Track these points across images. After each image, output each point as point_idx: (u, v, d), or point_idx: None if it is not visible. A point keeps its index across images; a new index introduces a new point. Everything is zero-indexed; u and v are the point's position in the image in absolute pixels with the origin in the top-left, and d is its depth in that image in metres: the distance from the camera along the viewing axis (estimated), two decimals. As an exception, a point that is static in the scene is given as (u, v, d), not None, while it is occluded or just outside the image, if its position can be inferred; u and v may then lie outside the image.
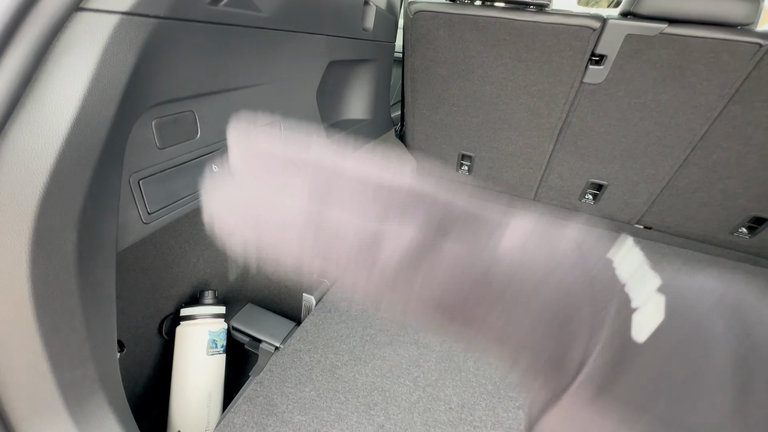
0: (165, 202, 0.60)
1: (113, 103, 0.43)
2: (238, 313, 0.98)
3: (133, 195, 0.54)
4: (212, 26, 0.59)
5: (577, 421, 0.16)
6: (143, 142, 0.54)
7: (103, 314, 0.51)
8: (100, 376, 0.51)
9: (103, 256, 0.49)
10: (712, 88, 1.11)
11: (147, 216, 0.57)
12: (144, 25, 0.45)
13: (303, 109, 0.96)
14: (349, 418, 0.71)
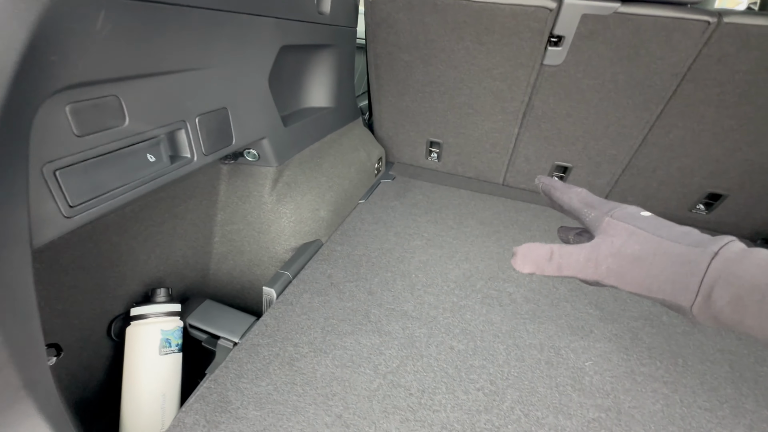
0: (90, 194, 0.56)
1: (2, 87, 0.39)
2: (195, 310, 0.94)
3: (48, 186, 0.50)
4: (134, 2, 0.55)
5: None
6: (57, 129, 0.50)
7: (22, 316, 0.47)
8: (25, 383, 0.47)
9: (13, 253, 0.45)
10: (665, 66, 1.12)
11: (69, 209, 0.53)
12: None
13: (253, 97, 0.92)
14: (306, 410, 0.70)
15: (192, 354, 0.93)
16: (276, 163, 1.07)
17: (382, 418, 0.70)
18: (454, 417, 0.71)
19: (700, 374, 0.83)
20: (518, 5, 1.15)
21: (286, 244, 1.10)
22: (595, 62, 1.19)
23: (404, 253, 1.15)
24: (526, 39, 1.20)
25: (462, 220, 1.36)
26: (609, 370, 0.83)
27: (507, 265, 1.14)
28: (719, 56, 1.07)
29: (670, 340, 0.92)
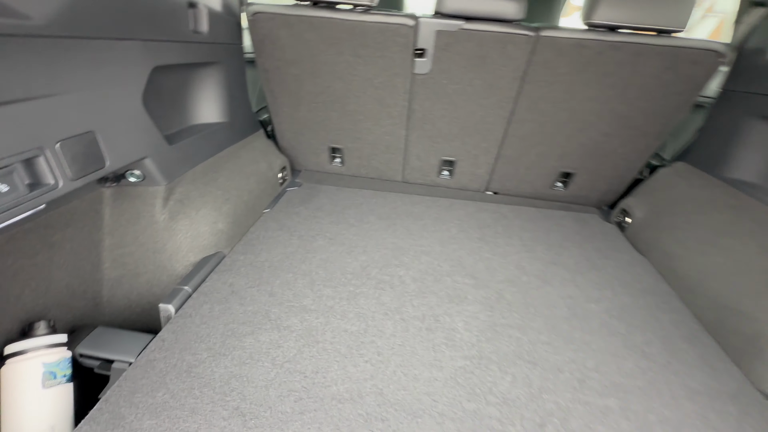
0: None
1: None
2: (85, 338, 0.92)
3: None
4: None
5: None
6: None
7: None
8: None
9: None
10: (507, 72, 1.36)
11: None
12: None
13: (126, 118, 0.93)
14: (203, 410, 0.74)
15: (92, 383, 0.90)
16: (164, 181, 1.08)
17: (277, 402, 0.77)
18: (344, 388, 0.81)
19: (545, 317, 1.04)
20: (384, 23, 1.30)
21: (185, 260, 1.12)
22: (454, 70, 1.39)
23: (306, 254, 1.23)
24: (396, 51, 1.36)
25: (363, 217, 1.48)
26: (476, 326, 0.99)
27: (400, 252, 1.28)
28: (543, 62, 1.32)
29: (525, 295, 1.12)
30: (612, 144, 1.52)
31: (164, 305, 0.97)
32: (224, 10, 1.33)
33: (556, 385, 0.85)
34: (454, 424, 0.75)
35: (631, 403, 0.82)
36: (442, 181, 1.81)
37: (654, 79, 1.31)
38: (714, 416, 0.80)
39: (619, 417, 0.79)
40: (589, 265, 1.29)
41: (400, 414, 0.76)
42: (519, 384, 0.84)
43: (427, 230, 1.43)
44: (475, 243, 1.37)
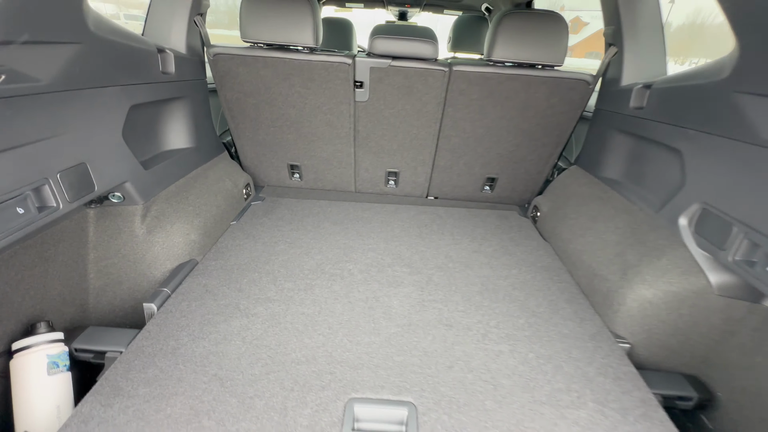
0: None
1: None
2: (79, 336, 1.09)
3: None
4: (6, 102, 0.75)
5: None
6: None
7: None
8: None
9: None
10: (430, 99, 1.67)
11: None
12: None
13: (109, 150, 1.13)
14: (188, 378, 0.94)
15: (88, 377, 1.07)
16: (142, 200, 1.27)
17: (248, 368, 0.98)
18: (301, 354, 1.03)
19: (462, 293, 1.32)
20: (327, 61, 1.57)
21: (163, 267, 1.30)
22: (388, 98, 1.68)
23: (269, 257, 1.45)
24: (339, 84, 1.63)
25: (319, 223, 1.72)
26: (408, 304, 1.26)
27: (350, 250, 1.53)
28: (459, 90, 1.64)
29: (450, 277, 1.40)
30: (522, 153, 1.87)
31: (147, 304, 1.16)
32: (188, 52, 1.55)
33: (464, 339, 1.12)
34: (385, 372, 1.00)
35: (518, 346, 1.10)
36: (389, 190, 2.08)
37: (544, 102, 1.66)
38: (575, 351, 1.10)
39: (507, 357, 1.07)
40: (503, 251, 1.59)
41: (344, 368, 1.00)
42: (437, 341, 1.11)
43: (374, 231, 1.69)
44: (414, 239, 1.64)
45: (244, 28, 1.54)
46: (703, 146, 1.10)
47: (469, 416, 0.89)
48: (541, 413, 0.91)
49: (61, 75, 0.92)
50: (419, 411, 0.89)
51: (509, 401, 0.93)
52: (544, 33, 1.55)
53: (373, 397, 0.92)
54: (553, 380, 1.00)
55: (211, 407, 0.87)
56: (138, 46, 1.24)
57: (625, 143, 1.53)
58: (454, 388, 0.96)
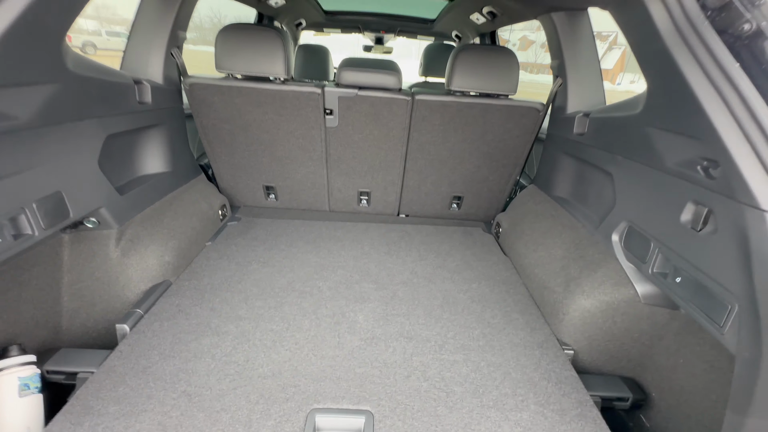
0: None
1: None
2: (51, 358, 1.12)
3: None
4: None
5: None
6: None
7: None
8: None
9: None
10: (396, 124, 1.79)
11: None
12: None
13: (85, 178, 1.19)
14: (157, 395, 0.99)
15: (57, 398, 1.10)
16: (117, 225, 1.33)
17: (216, 384, 1.04)
18: (268, 369, 1.10)
19: (424, 306, 1.41)
20: (298, 91, 1.68)
21: (137, 289, 1.35)
22: (357, 123, 1.80)
23: (242, 276, 1.52)
24: (310, 111, 1.74)
25: (292, 243, 1.79)
26: (373, 318, 1.34)
27: (320, 268, 1.61)
28: (422, 116, 1.77)
29: (414, 293, 1.49)
30: (483, 173, 2.00)
31: (120, 325, 1.21)
32: (165, 82, 1.63)
33: (423, 351, 1.20)
34: (346, 383, 1.07)
35: (471, 356, 1.20)
36: (361, 209, 2.18)
37: (500, 127, 1.81)
38: (524, 358, 1.20)
39: (461, 366, 1.16)
40: (465, 266, 1.70)
41: (307, 380, 1.07)
42: (397, 352, 1.19)
43: (345, 249, 1.77)
44: (382, 256, 1.73)
45: (219, 60, 1.64)
46: (628, 171, 1.24)
47: (421, 422, 0.97)
48: (488, 416, 0.99)
49: (39, 111, 0.99)
50: (376, 418, 0.97)
51: (459, 407, 1.02)
52: (497, 66, 1.71)
53: (333, 407, 0.99)
54: (501, 386, 1.09)
55: (179, 422, 0.93)
56: (115, 80, 1.32)
57: (572, 165, 1.68)
58: (410, 396, 1.04)
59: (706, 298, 0.88)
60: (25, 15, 0.84)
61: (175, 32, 1.61)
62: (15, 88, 0.90)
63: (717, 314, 0.84)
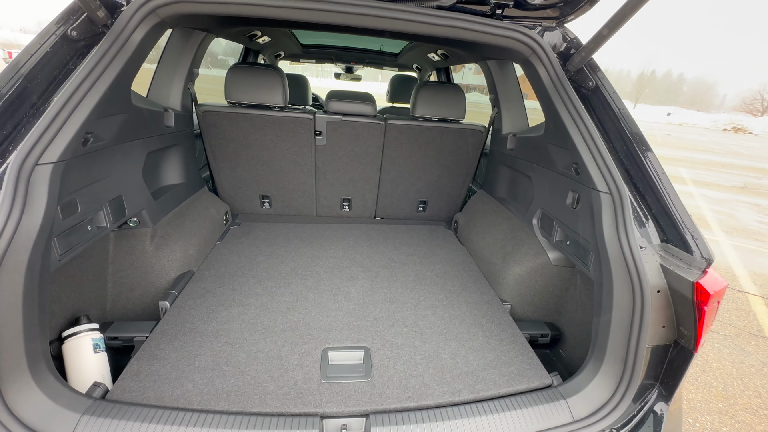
0: (65, 248, 1.10)
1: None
2: (108, 327, 1.41)
3: (51, 244, 1.05)
4: (88, 154, 1.15)
5: None
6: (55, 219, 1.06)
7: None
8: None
9: (32, 278, 0.99)
10: (372, 143, 2.24)
11: (59, 257, 1.07)
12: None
13: (134, 187, 1.52)
14: (205, 344, 1.32)
15: (117, 361, 1.38)
16: (152, 224, 1.64)
17: (249, 336, 1.37)
18: (287, 326, 1.45)
19: (402, 281, 1.83)
20: (293, 117, 2.09)
21: (168, 276, 1.66)
22: (342, 143, 2.23)
23: (252, 266, 1.86)
24: (302, 133, 2.15)
25: (289, 240, 2.15)
26: (363, 290, 1.73)
27: (316, 258, 1.98)
28: (393, 137, 2.24)
29: (393, 272, 1.91)
30: (443, 182, 2.49)
31: (162, 302, 1.51)
32: (182, 109, 1.98)
33: (402, 309, 1.61)
34: (348, 332, 1.45)
35: (438, 311, 1.62)
36: (344, 213, 2.58)
37: (453, 145, 2.31)
38: (475, 311, 1.64)
39: (431, 317, 1.57)
40: (431, 253, 2.14)
41: (319, 331, 1.43)
42: (383, 311, 1.59)
43: (333, 244, 2.16)
44: (365, 248, 2.14)
45: (228, 92, 2.01)
46: (540, 174, 1.76)
47: (404, 350, 1.37)
48: (450, 345, 1.41)
49: (114, 134, 1.33)
50: (372, 350, 1.36)
51: (430, 340, 1.43)
52: (450, 98, 2.22)
53: (340, 346, 1.37)
54: (459, 327, 1.52)
55: (227, 360, 1.26)
56: (153, 108, 1.66)
57: (507, 173, 2.21)
58: (395, 336, 1.44)
59: (581, 251, 1.38)
60: (120, 73, 1.20)
61: (191, 70, 1.97)
62: (107, 117, 1.24)
63: (586, 259, 1.33)
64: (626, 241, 1.10)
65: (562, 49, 1.42)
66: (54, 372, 1.01)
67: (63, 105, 1.01)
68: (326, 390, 1.15)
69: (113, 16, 1.16)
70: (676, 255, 1.06)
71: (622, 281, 1.11)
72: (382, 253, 2.10)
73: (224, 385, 1.14)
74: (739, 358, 2.88)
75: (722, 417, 2.29)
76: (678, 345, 1.07)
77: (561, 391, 1.15)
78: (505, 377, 1.26)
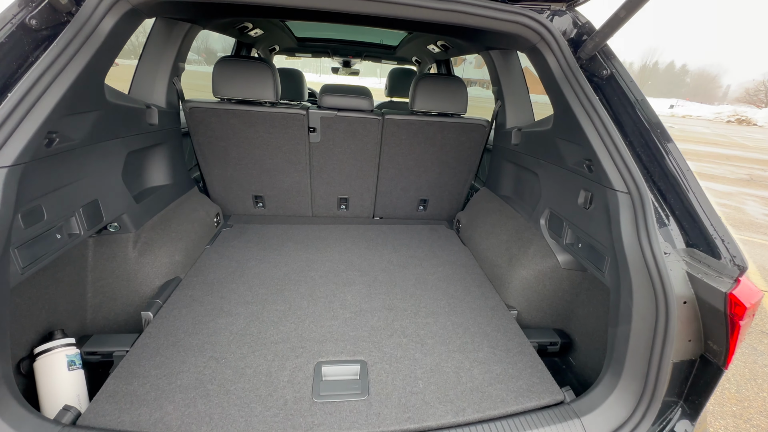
0: (30, 260, 1.00)
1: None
2: (87, 341, 1.31)
3: (9, 257, 0.95)
4: (51, 156, 1.05)
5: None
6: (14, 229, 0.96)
7: None
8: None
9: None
10: (369, 139, 2.13)
11: (21, 269, 0.97)
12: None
13: (113, 190, 1.41)
14: (189, 359, 1.22)
15: (96, 377, 1.29)
16: (134, 229, 1.54)
17: (237, 350, 1.28)
18: (278, 337, 1.35)
19: (401, 286, 1.73)
20: (285, 112, 1.98)
21: (152, 284, 1.56)
22: (336, 139, 2.12)
23: (243, 271, 1.76)
24: (296, 129, 2.04)
25: (283, 243, 2.05)
26: (360, 297, 1.63)
27: (311, 262, 1.88)
28: (391, 133, 2.13)
29: (391, 276, 1.81)
30: (444, 179, 2.38)
31: (145, 312, 1.41)
32: (167, 105, 1.87)
33: (401, 317, 1.51)
34: (344, 343, 1.35)
35: (440, 318, 1.52)
36: (341, 213, 2.48)
37: (455, 140, 2.20)
38: (480, 318, 1.54)
39: (432, 325, 1.48)
40: (432, 255, 2.04)
41: (312, 343, 1.34)
42: (381, 320, 1.49)
43: (329, 246, 2.05)
44: (362, 250, 2.04)
45: (216, 87, 1.90)
46: (547, 170, 1.65)
47: (403, 363, 1.27)
48: (453, 357, 1.31)
49: (87, 134, 1.22)
50: (368, 364, 1.26)
51: (432, 352, 1.33)
52: (451, 91, 2.11)
53: (334, 359, 1.27)
54: (463, 336, 1.42)
55: (212, 377, 1.17)
56: (134, 105, 1.56)
57: (511, 169, 2.10)
58: (394, 348, 1.34)
59: (594, 255, 1.27)
60: (90, 62, 1.09)
61: (176, 64, 1.86)
62: (76, 115, 1.14)
63: (600, 263, 1.23)
64: (648, 247, 0.99)
65: (573, 36, 1.30)
66: (18, 397, 0.92)
67: (18, 102, 0.91)
68: (319, 410, 1.06)
69: (78, 3, 1.05)
70: (704, 261, 0.96)
71: (643, 290, 1.01)
72: (381, 256, 1.99)
73: (207, 407, 1.05)
74: (752, 357, 2.78)
75: (737, 421, 2.20)
76: (705, 360, 0.97)
77: (574, 408, 1.05)
78: (514, 393, 1.16)
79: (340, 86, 2.08)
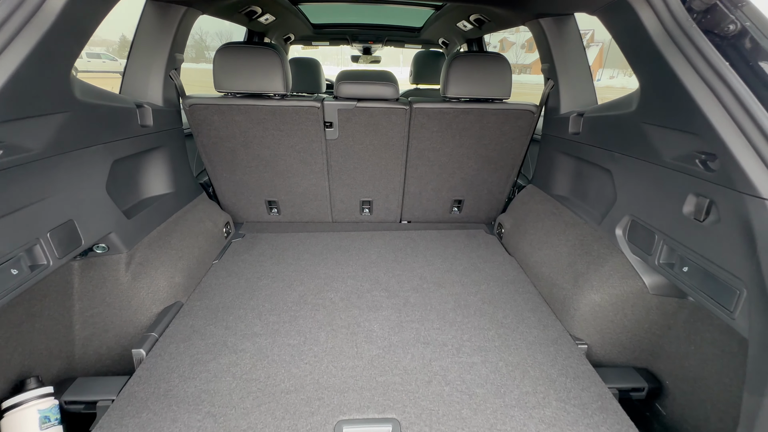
0: None
1: None
2: (68, 388, 1.11)
3: None
4: (2, 174, 0.82)
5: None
6: None
7: None
8: None
9: None
10: (395, 133, 1.82)
11: None
12: None
13: (94, 206, 1.19)
14: (182, 418, 0.99)
15: (79, 429, 1.09)
16: (126, 249, 1.32)
17: (239, 402, 1.04)
18: (290, 384, 1.10)
19: (437, 311, 1.43)
20: (297, 106, 1.70)
21: (149, 312, 1.34)
22: (356, 135, 1.82)
23: (253, 293, 1.52)
24: (310, 125, 1.76)
25: (299, 256, 1.80)
26: (388, 326, 1.35)
27: (330, 279, 1.62)
28: (420, 124, 1.81)
29: (425, 298, 1.51)
30: (483, 176, 2.04)
31: (136, 350, 1.20)
32: (165, 104, 1.64)
33: (441, 355, 1.22)
34: (370, 392, 1.08)
35: (489, 357, 1.21)
36: (364, 218, 2.20)
37: (496, 130, 1.85)
38: (540, 355, 1.22)
39: (480, 367, 1.17)
40: (473, 269, 1.72)
41: (331, 393, 1.07)
42: (416, 358, 1.20)
43: (352, 259, 1.78)
44: (390, 264, 1.75)
45: (217, 80, 1.65)
46: (626, 167, 1.28)
47: (447, 426, 0.98)
48: (512, 416, 1.01)
49: (51, 141, 0.99)
50: (402, 426, 0.98)
51: (483, 408, 1.03)
52: (491, 72, 1.75)
53: (359, 417, 1.00)
54: (521, 384, 1.11)
55: None
56: (118, 105, 1.33)
57: (569, 164, 1.73)
58: (434, 401, 1.05)
59: (714, 286, 0.92)
60: (36, 49, 0.85)
61: (172, 55, 1.63)
62: (29, 119, 0.90)
63: (726, 300, 0.87)
64: None
65: (679, -21, 0.93)
66: None
67: None
68: None
69: None
70: None
71: None
72: (412, 271, 1.70)
73: None
74: None
75: None
76: None
77: None
78: None
79: (360, 72, 1.78)
